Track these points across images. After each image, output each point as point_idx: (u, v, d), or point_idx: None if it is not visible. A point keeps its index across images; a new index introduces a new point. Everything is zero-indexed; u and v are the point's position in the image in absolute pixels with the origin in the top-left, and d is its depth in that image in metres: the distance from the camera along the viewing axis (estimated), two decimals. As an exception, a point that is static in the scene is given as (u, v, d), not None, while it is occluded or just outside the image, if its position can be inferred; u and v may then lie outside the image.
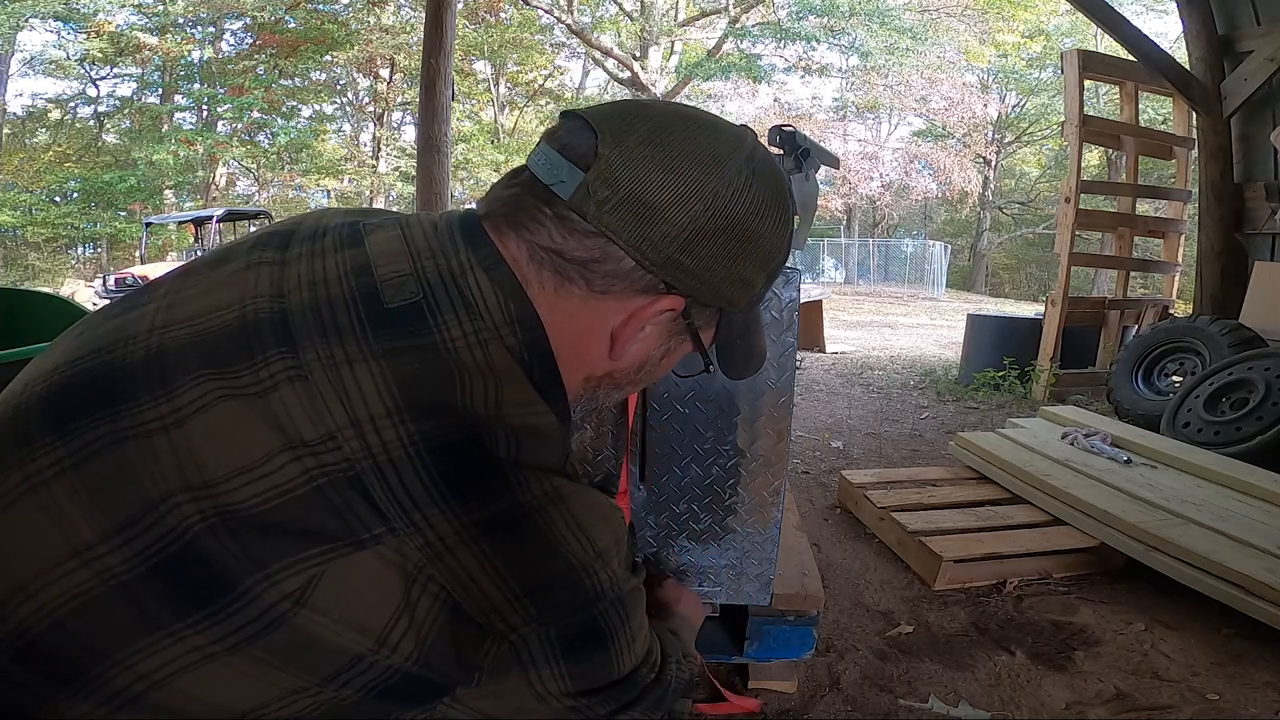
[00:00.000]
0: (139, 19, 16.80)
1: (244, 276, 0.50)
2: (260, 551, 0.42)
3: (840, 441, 3.63)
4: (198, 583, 0.42)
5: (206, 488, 0.42)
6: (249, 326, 0.46)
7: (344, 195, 20.63)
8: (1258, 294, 4.10)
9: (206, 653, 0.42)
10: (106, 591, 0.42)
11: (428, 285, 0.49)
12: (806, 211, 1.17)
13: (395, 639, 0.43)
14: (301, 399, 0.43)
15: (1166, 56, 4.79)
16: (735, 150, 0.52)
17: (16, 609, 0.43)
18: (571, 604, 0.47)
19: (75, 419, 0.45)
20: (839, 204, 21.55)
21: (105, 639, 0.42)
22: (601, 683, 0.51)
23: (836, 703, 1.48)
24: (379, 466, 0.42)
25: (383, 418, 0.43)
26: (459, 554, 0.43)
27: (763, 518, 1.24)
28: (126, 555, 0.42)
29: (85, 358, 0.48)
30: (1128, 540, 1.98)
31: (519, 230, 0.52)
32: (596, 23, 19.24)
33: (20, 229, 16.67)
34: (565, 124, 0.53)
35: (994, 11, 17.88)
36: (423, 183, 6.39)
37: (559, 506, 0.46)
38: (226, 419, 0.43)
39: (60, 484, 0.43)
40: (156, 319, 0.49)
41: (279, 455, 0.42)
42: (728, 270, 0.53)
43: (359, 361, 0.45)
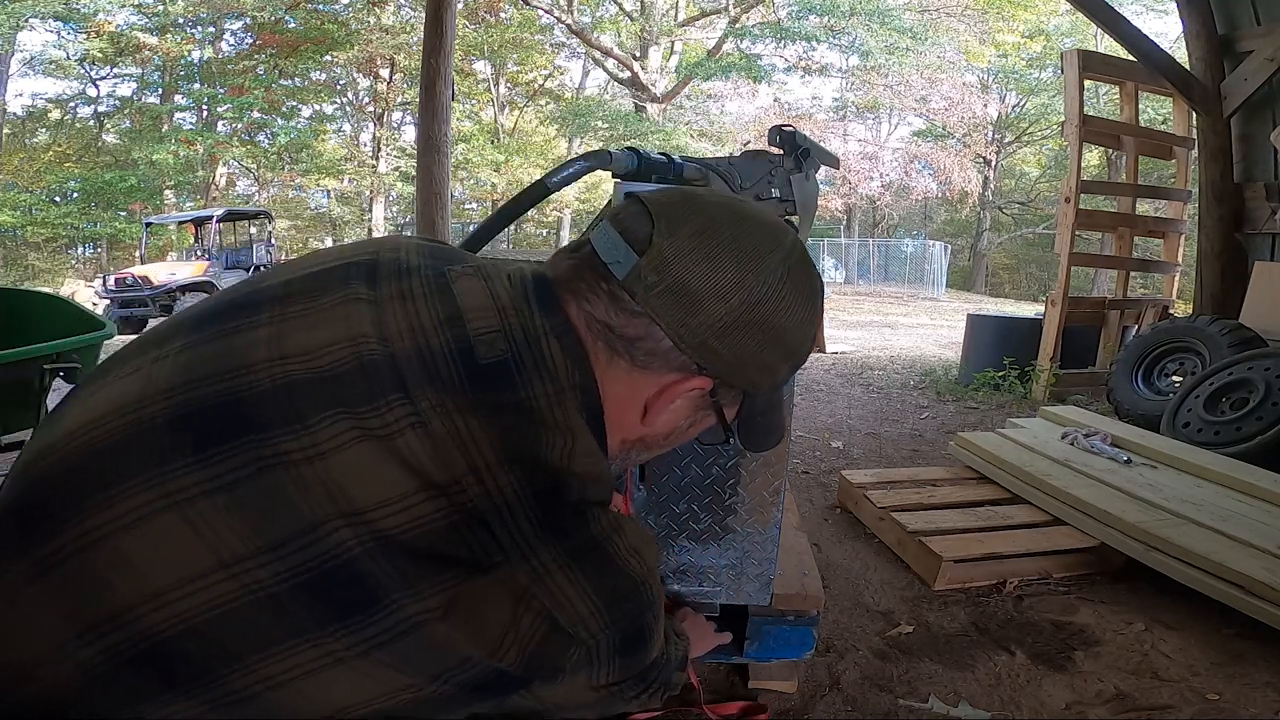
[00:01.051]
0: (139, 19, 16.80)
1: (345, 312, 0.55)
2: (411, 572, 0.47)
3: (840, 441, 3.63)
4: (346, 596, 0.47)
5: (357, 515, 0.47)
6: (366, 368, 0.52)
7: (344, 195, 20.63)
8: (1258, 294, 4.10)
9: (338, 657, 0.47)
10: (253, 601, 0.46)
11: (514, 343, 0.55)
12: (806, 211, 1.17)
13: (505, 649, 0.49)
14: (425, 445, 0.49)
15: (1166, 56, 4.79)
16: (774, 249, 0.58)
17: (147, 615, 0.46)
18: (634, 612, 0.55)
19: (214, 444, 0.49)
20: (839, 204, 21.53)
21: (242, 643, 0.47)
22: (636, 671, 0.60)
23: (836, 703, 1.48)
24: (497, 508, 0.49)
25: (496, 465, 0.50)
26: (556, 578, 0.51)
27: (763, 518, 1.24)
28: (278, 570, 0.46)
29: (204, 380, 0.52)
30: (1128, 540, 1.98)
31: (579, 299, 0.58)
32: (596, 23, 19.24)
33: (20, 229, 16.67)
34: (627, 207, 0.60)
35: (994, 11, 17.88)
36: (423, 183, 6.39)
37: (619, 534, 0.55)
38: (364, 458, 0.49)
39: (207, 503, 0.47)
40: (271, 349, 0.53)
41: (415, 494, 0.48)
42: (755, 359, 0.58)
43: (467, 413, 0.51)
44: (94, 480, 0.49)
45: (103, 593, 0.47)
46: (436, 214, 6.24)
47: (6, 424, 2.32)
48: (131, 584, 0.47)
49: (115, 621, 0.46)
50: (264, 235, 11.44)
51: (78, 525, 0.48)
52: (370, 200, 20.13)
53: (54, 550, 0.48)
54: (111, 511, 0.48)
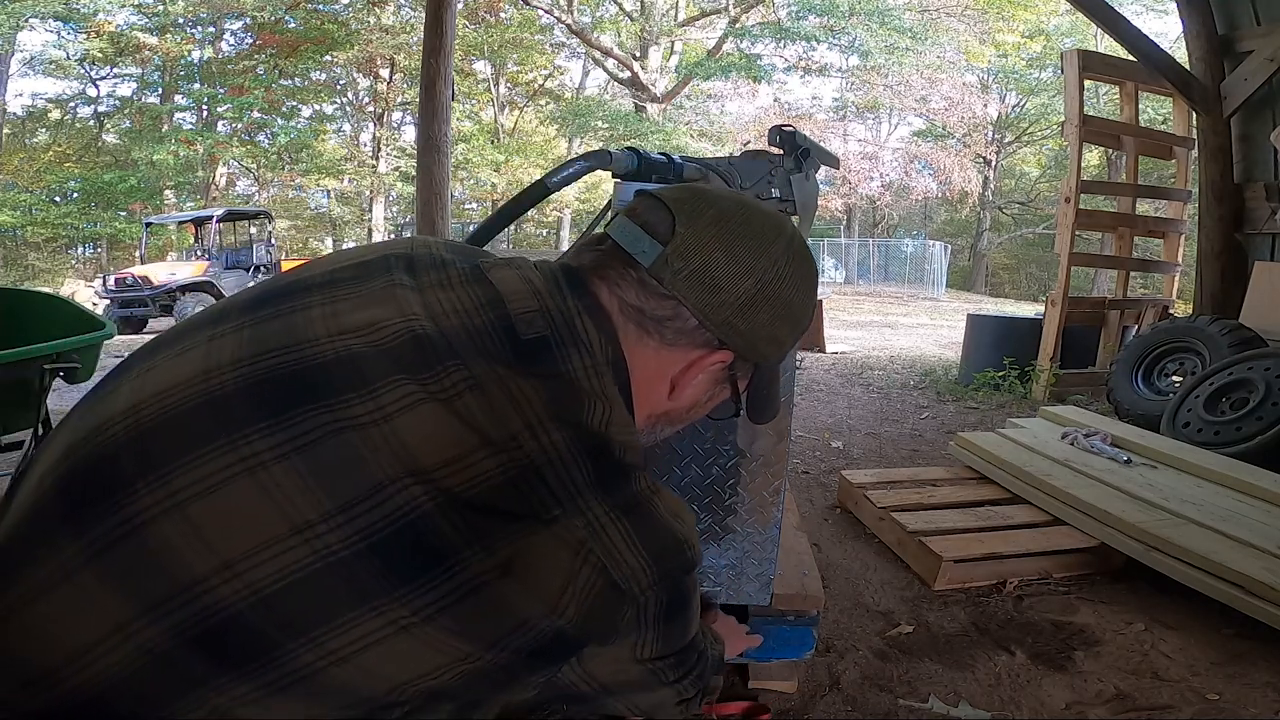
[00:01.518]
0: (139, 19, 16.79)
1: (393, 295, 0.58)
2: (480, 526, 0.49)
3: (840, 441, 3.63)
4: (415, 556, 0.48)
5: (425, 473, 0.49)
6: (421, 340, 0.54)
7: (344, 195, 20.62)
8: (1258, 294, 4.10)
9: (402, 625, 0.47)
10: (322, 568, 0.47)
11: (553, 322, 0.58)
12: (806, 211, 1.17)
13: (565, 605, 0.50)
14: (482, 405, 0.52)
15: (1166, 56, 4.79)
16: (779, 236, 0.65)
17: (217, 587, 0.46)
18: (679, 570, 0.57)
19: (289, 408, 0.50)
20: (839, 204, 21.53)
21: (310, 615, 0.47)
22: (676, 647, 0.63)
23: (836, 703, 1.48)
24: (551, 461, 0.52)
25: (549, 422, 0.53)
26: (609, 531, 0.52)
27: (763, 518, 1.24)
28: (347, 533, 0.47)
29: (270, 354, 0.54)
30: (1128, 540, 1.98)
31: (610, 285, 0.63)
32: (596, 23, 19.23)
33: (20, 229, 16.66)
34: (644, 203, 0.65)
35: (994, 11, 17.87)
36: (423, 183, 6.39)
37: (659, 496, 0.57)
38: (427, 419, 0.51)
39: (281, 466, 0.48)
40: (330, 324, 0.56)
41: (478, 450, 0.50)
42: (768, 333, 0.65)
43: (519, 378, 0.54)
44: (167, 449, 0.49)
45: (171, 566, 0.46)
46: (436, 214, 6.24)
47: (6, 424, 2.32)
48: (201, 555, 0.46)
49: (182, 596, 0.46)
50: (264, 235, 11.43)
51: (148, 496, 0.48)
52: (370, 200, 20.12)
53: (120, 523, 0.47)
54: (186, 477, 0.48)
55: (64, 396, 3.53)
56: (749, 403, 0.72)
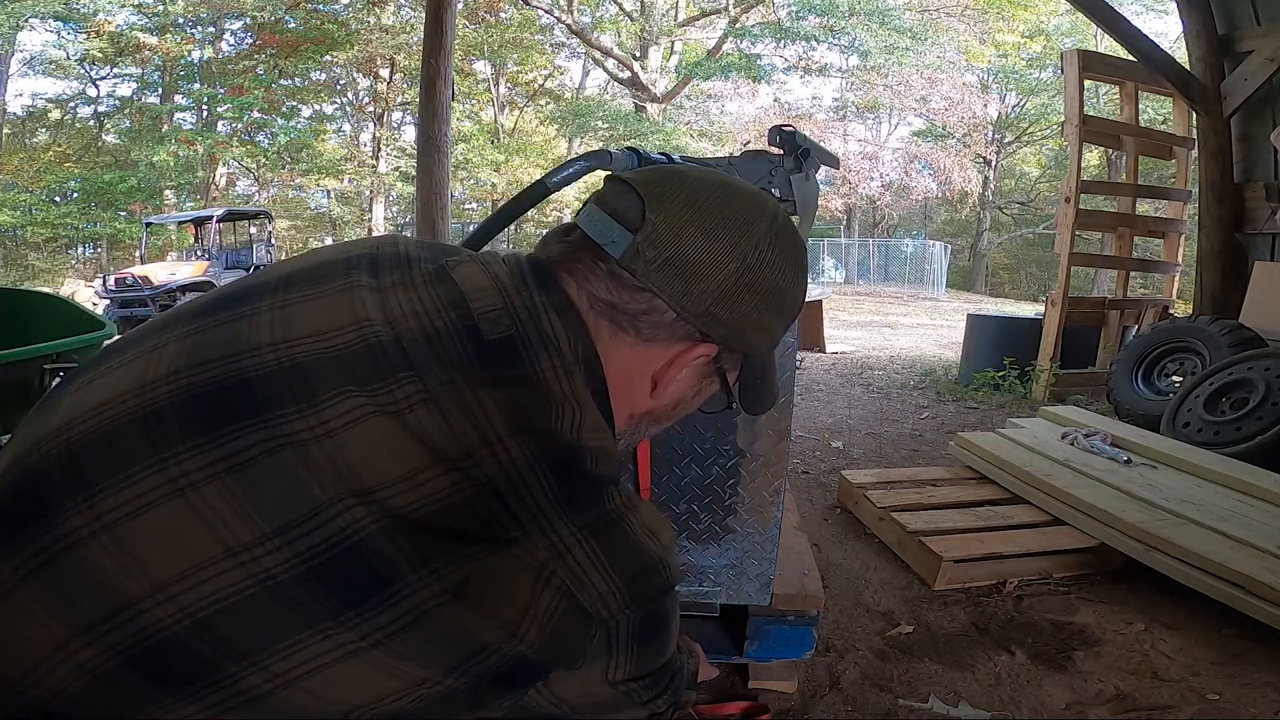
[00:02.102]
0: (139, 19, 16.78)
1: (349, 298, 0.55)
2: (428, 550, 0.46)
3: (840, 441, 3.63)
4: (359, 581, 0.45)
5: (369, 493, 0.46)
6: (373, 349, 0.51)
7: (344, 195, 20.62)
8: (1258, 294, 4.10)
9: (350, 649, 0.45)
10: (260, 591, 0.44)
11: (518, 320, 0.55)
12: (806, 211, 1.17)
13: (524, 629, 0.48)
14: (437, 420, 0.48)
15: (1166, 56, 4.79)
16: (760, 216, 0.60)
17: (150, 609, 0.44)
18: (654, 592, 0.54)
19: (221, 425, 0.48)
20: (839, 204, 21.52)
21: (250, 638, 0.45)
22: (650, 669, 0.59)
23: (836, 703, 1.48)
24: (510, 480, 0.48)
25: (508, 438, 0.49)
26: (575, 553, 0.49)
27: (763, 518, 1.24)
28: (286, 556, 0.45)
29: (209, 364, 0.51)
30: (1128, 540, 1.98)
31: (579, 279, 0.59)
32: (596, 23, 19.23)
33: (20, 229, 16.65)
34: (612, 188, 0.61)
35: (994, 11, 17.86)
36: (423, 183, 6.39)
37: (634, 513, 0.53)
38: (374, 434, 0.48)
39: (213, 487, 0.46)
40: (275, 332, 0.53)
41: (428, 469, 0.47)
42: (754, 321, 0.60)
43: (476, 387, 0.50)
44: (95, 468, 0.47)
45: (103, 587, 0.45)
46: (436, 214, 6.24)
47: (6, 424, 2.32)
48: (133, 577, 0.45)
49: (117, 618, 0.44)
50: (264, 235, 11.44)
51: (77, 516, 0.46)
52: (370, 200, 20.11)
53: (50, 543, 0.46)
54: (115, 498, 0.46)
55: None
56: (742, 394, 0.68)
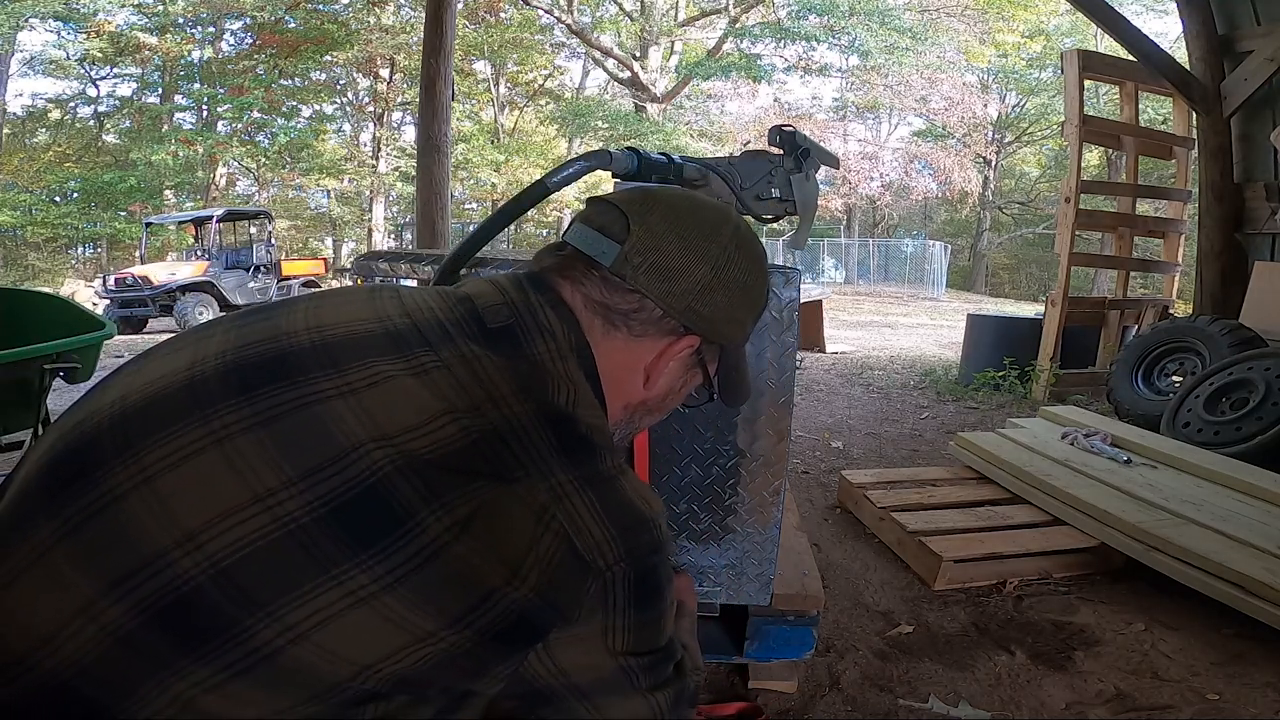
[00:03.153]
0: (139, 19, 16.78)
1: (372, 299, 0.64)
2: (440, 485, 0.50)
3: (840, 441, 3.63)
4: (375, 520, 0.49)
5: (388, 439, 0.51)
6: (393, 333, 0.59)
7: (344, 195, 20.62)
8: (1258, 294, 4.10)
9: (360, 595, 0.47)
10: (282, 536, 0.47)
11: (517, 312, 0.63)
12: (806, 211, 1.17)
13: (526, 569, 0.51)
14: (449, 380, 0.55)
15: (1166, 56, 4.79)
16: (725, 224, 0.69)
17: (179, 560, 0.46)
18: (646, 548, 0.57)
19: (257, 386, 0.53)
20: (839, 204, 21.52)
21: (266, 586, 0.47)
22: (650, 645, 0.61)
23: (836, 703, 1.48)
24: (514, 429, 0.54)
25: (511, 397, 0.56)
26: (573, 499, 0.54)
27: (763, 518, 1.24)
28: (309, 500, 0.48)
29: (251, 345, 0.57)
30: (1128, 540, 1.98)
31: (573, 283, 0.66)
32: (596, 23, 19.23)
33: (20, 229, 16.66)
34: (595, 209, 0.69)
35: (994, 11, 17.87)
36: (423, 183, 6.39)
37: (625, 477, 0.59)
38: (395, 390, 0.54)
39: (246, 438, 0.50)
40: (309, 319, 0.60)
41: (441, 417, 0.53)
42: (728, 314, 0.69)
43: (485, 358, 0.58)
44: (141, 428, 0.51)
45: (138, 540, 0.47)
46: (436, 214, 6.24)
47: (6, 424, 2.32)
48: (165, 526, 0.47)
49: (146, 570, 0.46)
50: (264, 235, 11.43)
51: (122, 471, 0.49)
52: (370, 200, 20.11)
53: (94, 500, 0.48)
54: (158, 452, 0.50)
55: (64, 396, 3.53)
56: (721, 386, 0.76)
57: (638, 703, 0.62)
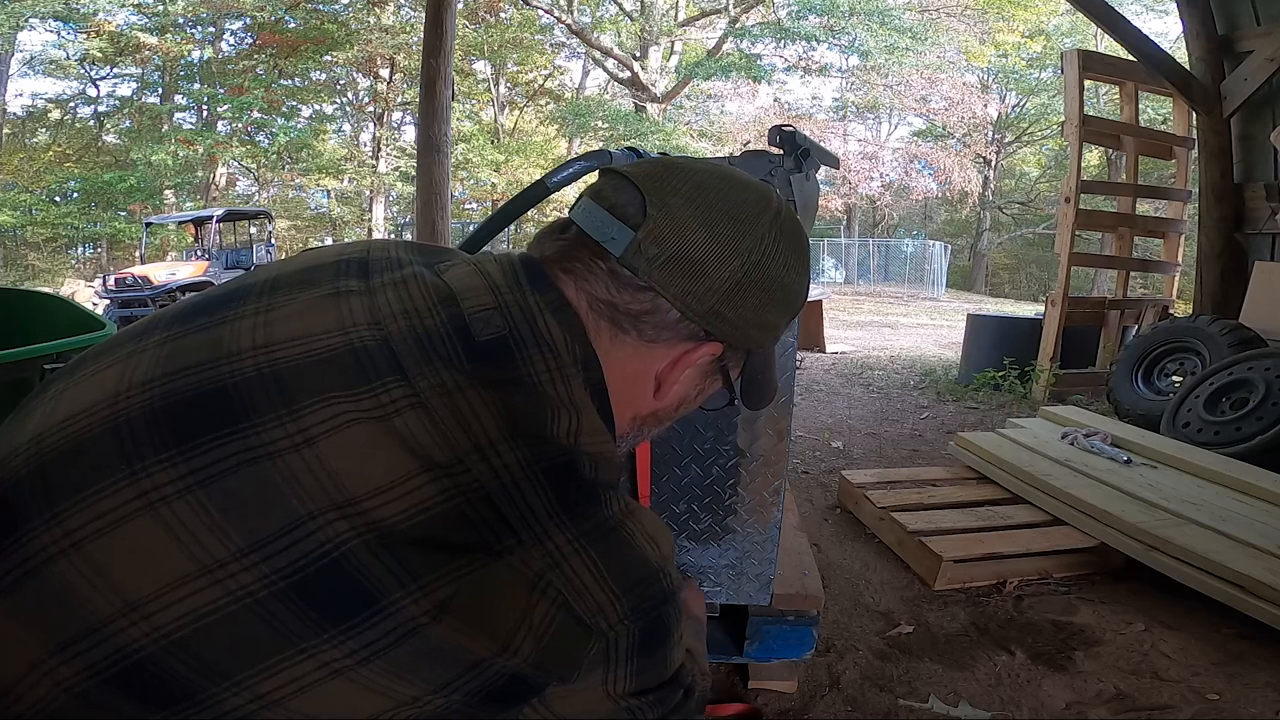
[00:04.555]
0: (139, 19, 16.78)
1: (335, 303, 0.52)
2: (415, 564, 0.43)
3: (840, 441, 3.63)
4: (342, 597, 0.43)
5: (352, 505, 0.44)
6: (359, 353, 0.49)
7: (344, 195, 20.62)
8: (1258, 294, 4.10)
9: (335, 668, 0.43)
10: (239, 610, 0.42)
11: (511, 320, 0.53)
12: (807, 211, 1.17)
13: (518, 642, 0.45)
14: (425, 424, 0.46)
15: (1166, 56, 4.79)
16: (764, 209, 0.58)
17: (125, 630, 0.42)
18: (653, 602, 0.51)
19: (194, 435, 0.45)
20: (839, 204, 21.53)
21: (230, 658, 0.43)
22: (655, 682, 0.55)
23: (836, 703, 1.48)
24: (505, 487, 0.46)
25: (501, 443, 0.47)
26: (572, 562, 0.47)
27: (763, 518, 1.24)
28: (264, 572, 0.43)
29: (186, 371, 0.49)
30: (1128, 540, 1.98)
31: (577, 279, 0.56)
32: (596, 23, 19.23)
33: (20, 229, 16.66)
34: (609, 182, 0.58)
35: (994, 11, 17.86)
36: (423, 183, 6.39)
37: (633, 519, 0.51)
38: (358, 442, 0.45)
39: (184, 501, 0.44)
40: (257, 336, 0.50)
41: (416, 476, 0.45)
42: (759, 318, 0.58)
43: (467, 390, 0.48)
44: (63, 483, 0.45)
45: (78, 606, 0.43)
46: (436, 214, 6.24)
47: (6, 424, 2.32)
48: (107, 596, 0.43)
49: (93, 638, 0.42)
50: (264, 235, 11.46)
51: (45, 534, 0.44)
52: (370, 200, 20.12)
53: (20, 562, 0.44)
54: (83, 514, 0.44)
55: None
56: (743, 390, 0.66)
57: None
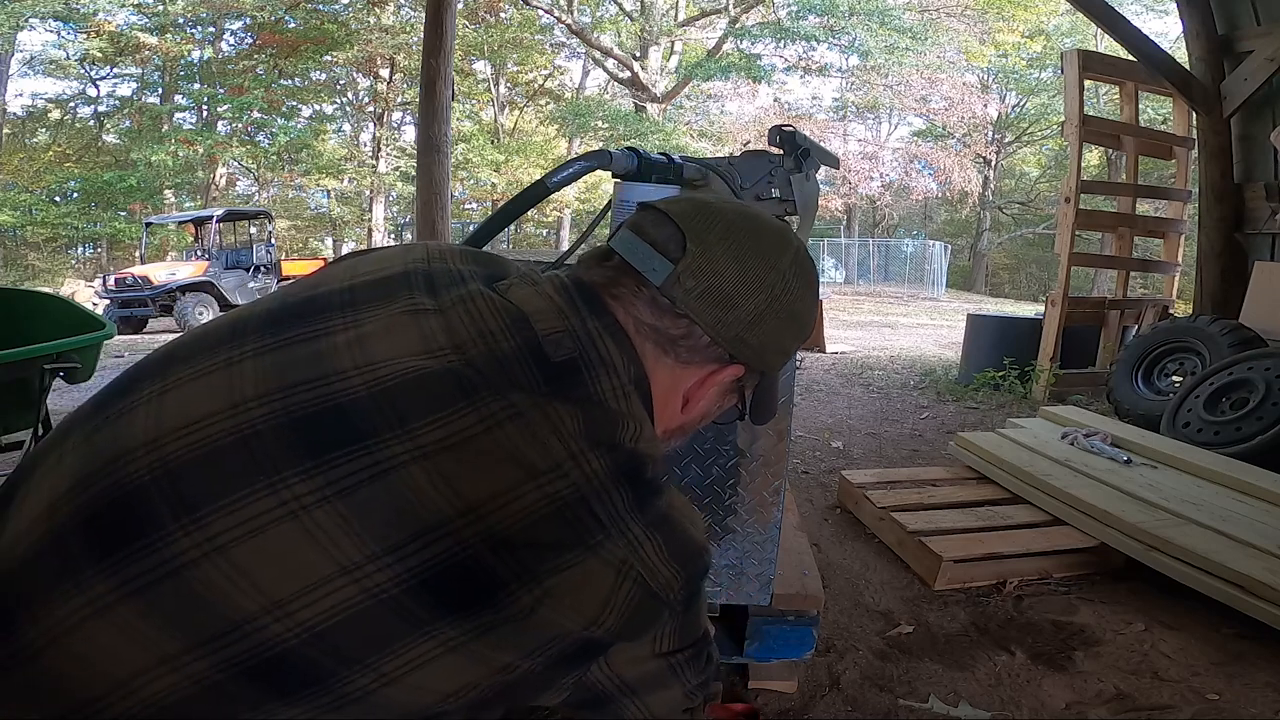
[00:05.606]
0: (139, 19, 16.78)
1: (415, 322, 0.58)
2: (529, 560, 0.50)
3: (840, 441, 3.63)
4: (467, 592, 0.49)
5: (473, 512, 0.50)
6: (451, 375, 0.55)
7: (344, 195, 20.62)
8: (1258, 294, 4.10)
9: (451, 645, 0.49)
10: (374, 605, 0.48)
11: (580, 343, 0.59)
12: (806, 211, 1.17)
13: (604, 617, 0.53)
14: (524, 434, 0.53)
15: (1166, 56, 4.79)
16: (786, 248, 0.66)
17: (269, 625, 0.47)
18: (699, 574, 0.60)
19: (326, 450, 0.51)
20: (839, 204, 21.51)
21: (363, 646, 0.48)
22: (690, 640, 0.66)
23: (836, 703, 1.48)
24: (595, 490, 0.53)
25: (588, 450, 0.54)
26: (646, 548, 0.55)
27: (763, 518, 1.24)
28: (397, 572, 0.48)
29: (299, 387, 0.54)
30: (1128, 540, 1.98)
31: (624, 304, 0.63)
32: (596, 23, 19.23)
33: (20, 229, 16.66)
34: (649, 218, 0.65)
35: (994, 11, 17.86)
36: (423, 183, 6.39)
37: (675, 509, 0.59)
38: (469, 454, 0.51)
39: (323, 510, 0.49)
40: (358, 355, 0.55)
41: (524, 484, 0.51)
42: (776, 345, 0.67)
43: (553, 404, 0.55)
44: (201, 491, 0.50)
45: (220, 606, 0.47)
46: (436, 214, 6.24)
47: (7, 424, 2.32)
48: (249, 596, 0.47)
49: (234, 634, 0.47)
50: (264, 235, 11.44)
51: (186, 539, 0.48)
52: (370, 200, 20.11)
53: (157, 564, 0.48)
54: (225, 521, 0.48)
55: (64, 396, 3.53)
56: (751, 407, 0.74)
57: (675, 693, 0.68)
